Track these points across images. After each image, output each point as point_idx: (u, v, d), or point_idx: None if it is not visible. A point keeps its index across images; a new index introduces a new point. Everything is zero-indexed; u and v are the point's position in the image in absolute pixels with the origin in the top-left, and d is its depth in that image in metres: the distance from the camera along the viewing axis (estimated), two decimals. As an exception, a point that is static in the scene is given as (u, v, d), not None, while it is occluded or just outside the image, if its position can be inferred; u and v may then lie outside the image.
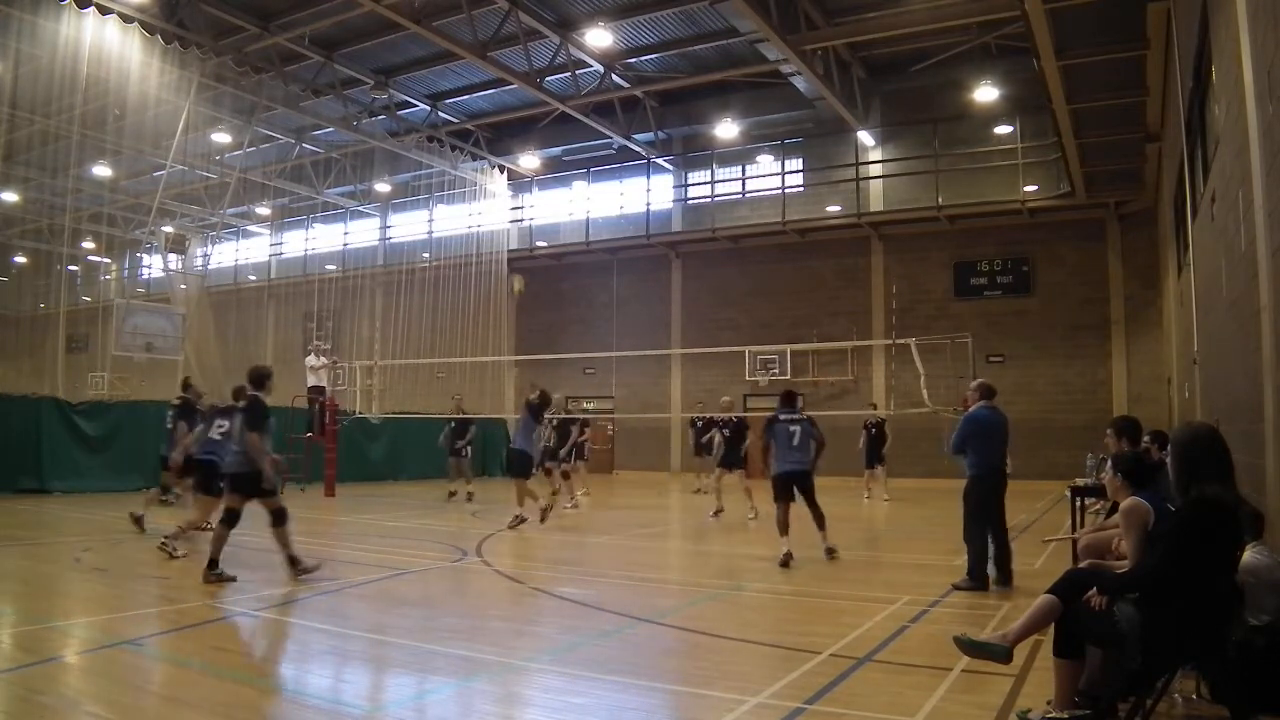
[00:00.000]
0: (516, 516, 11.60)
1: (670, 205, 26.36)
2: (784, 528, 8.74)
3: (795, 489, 8.92)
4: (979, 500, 7.64)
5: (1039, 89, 14.06)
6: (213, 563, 7.35)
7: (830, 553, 8.87)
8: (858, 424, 17.55)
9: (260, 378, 7.87)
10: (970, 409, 7.86)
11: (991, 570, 7.50)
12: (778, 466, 9.02)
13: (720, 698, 4.37)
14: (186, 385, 11.87)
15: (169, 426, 11.18)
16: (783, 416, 9.13)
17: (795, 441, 8.98)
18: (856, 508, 15.61)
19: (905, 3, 18.05)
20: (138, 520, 10.62)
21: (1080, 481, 9.18)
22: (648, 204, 25.88)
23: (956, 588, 7.38)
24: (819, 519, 8.97)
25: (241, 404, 7.89)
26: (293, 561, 7.54)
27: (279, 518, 7.57)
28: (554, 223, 28.43)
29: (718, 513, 13.29)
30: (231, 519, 7.53)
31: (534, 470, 12.73)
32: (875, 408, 18.32)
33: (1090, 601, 3.72)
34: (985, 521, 7.55)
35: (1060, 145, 16.68)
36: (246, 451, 7.51)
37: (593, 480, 18.31)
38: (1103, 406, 20.09)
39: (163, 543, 8.67)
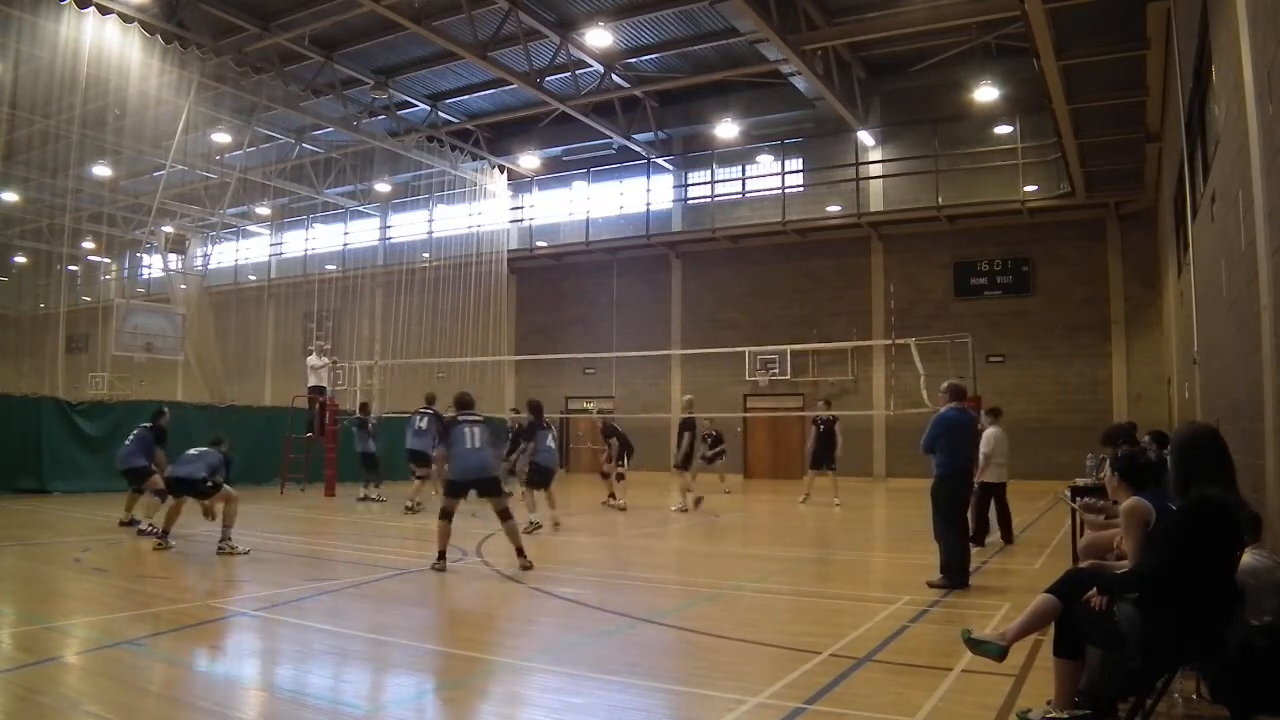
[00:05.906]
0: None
1: (670, 205, 26.35)
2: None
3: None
4: (948, 499, 7.75)
5: (1039, 89, 14.05)
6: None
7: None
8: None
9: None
10: (940, 410, 8.05)
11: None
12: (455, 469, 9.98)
13: (720, 698, 4.36)
14: (434, 400, 14.77)
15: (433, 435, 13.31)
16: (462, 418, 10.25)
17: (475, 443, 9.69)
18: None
19: (905, 3, 18.03)
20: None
21: (1080, 481, 9.19)
22: (648, 204, 25.87)
23: (930, 585, 7.48)
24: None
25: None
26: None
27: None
28: (554, 223, 28.42)
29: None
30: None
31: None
32: (828, 405, 16.74)
33: (1090, 601, 3.72)
34: (956, 519, 7.68)
35: (1060, 145, 16.66)
36: None
37: (591, 481, 18.20)
38: (1103, 406, 20.10)
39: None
